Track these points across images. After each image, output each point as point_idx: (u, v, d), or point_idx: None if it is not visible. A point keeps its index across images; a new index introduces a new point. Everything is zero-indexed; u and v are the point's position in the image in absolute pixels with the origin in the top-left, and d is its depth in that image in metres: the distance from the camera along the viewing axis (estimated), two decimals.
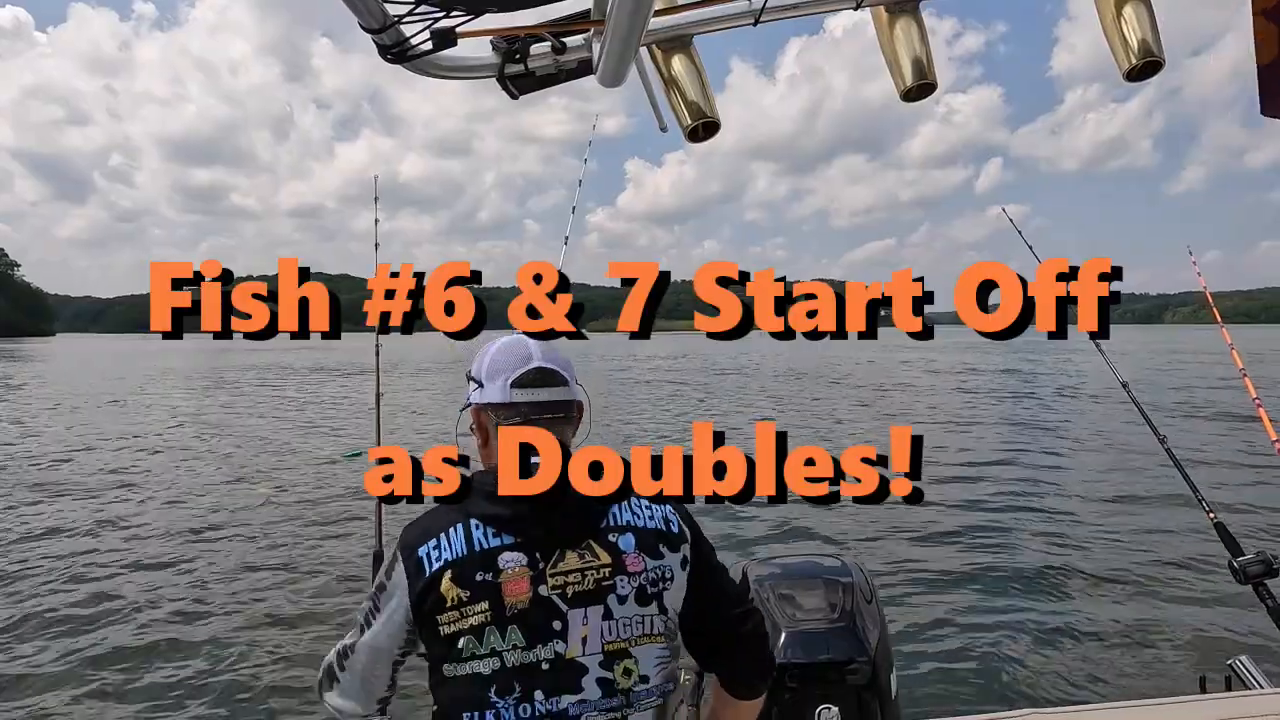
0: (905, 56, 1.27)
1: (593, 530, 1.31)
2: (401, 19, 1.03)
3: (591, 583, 1.28)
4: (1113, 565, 6.59)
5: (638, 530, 1.34)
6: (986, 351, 45.18)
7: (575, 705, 1.24)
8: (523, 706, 1.23)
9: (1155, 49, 1.24)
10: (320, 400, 22.93)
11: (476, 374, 1.43)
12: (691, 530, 1.41)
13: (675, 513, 1.40)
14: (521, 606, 1.25)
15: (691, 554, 1.38)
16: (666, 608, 1.33)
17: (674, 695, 1.36)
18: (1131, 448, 11.74)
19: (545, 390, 1.38)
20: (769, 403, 22.06)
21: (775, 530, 7.53)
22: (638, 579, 1.30)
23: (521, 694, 1.24)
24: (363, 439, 13.65)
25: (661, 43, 1.26)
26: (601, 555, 1.30)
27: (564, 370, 1.42)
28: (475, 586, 1.25)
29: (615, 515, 1.34)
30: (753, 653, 1.45)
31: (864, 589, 2.22)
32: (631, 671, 1.28)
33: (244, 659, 4.92)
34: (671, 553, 1.35)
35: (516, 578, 1.25)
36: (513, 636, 1.25)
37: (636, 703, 1.28)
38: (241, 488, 10.24)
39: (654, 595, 1.32)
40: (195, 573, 6.66)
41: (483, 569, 1.26)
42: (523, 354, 1.39)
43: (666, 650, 1.34)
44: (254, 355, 53.68)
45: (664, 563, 1.34)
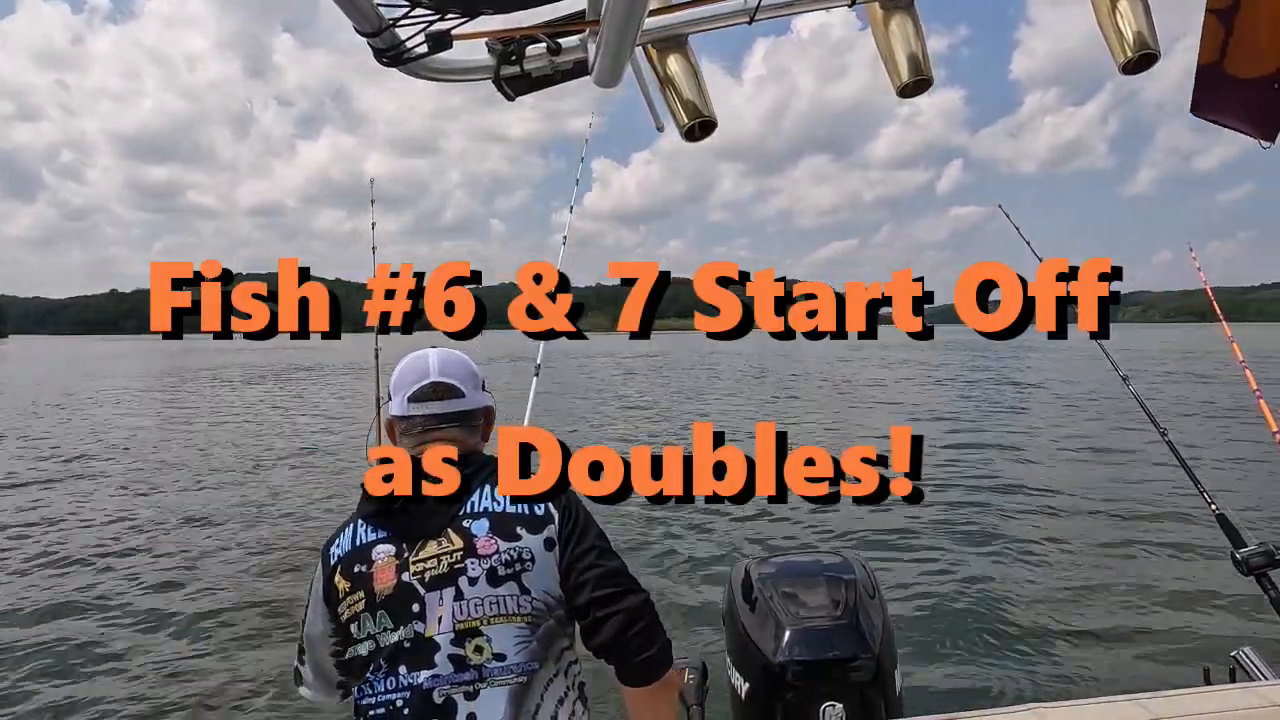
0: (901, 53, 1.27)
1: (451, 518, 1.39)
2: (396, 22, 1.03)
3: (445, 566, 1.35)
4: (1115, 558, 6.58)
5: (494, 515, 1.39)
6: (975, 351, 45.10)
7: (429, 679, 1.32)
8: (389, 680, 1.35)
9: (1151, 41, 1.23)
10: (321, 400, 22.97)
11: (388, 388, 1.56)
12: (562, 511, 1.42)
13: (548, 501, 1.42)
14: (388, 593, 1.36)
15: (560, 534, 1.40)
16: (528, 588, 1.36)
17: (541, 674, 1.35)
18: (1131, 443, 11.73)
19: (439, 404, 1.50)
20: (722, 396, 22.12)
21: (776, 530, 7.52)
22: (489, 560, 1.35)
23: (389, 669, 1.35)
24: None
25: (657, 42, 1.25)
26: (455, 540, 1.37)
27: (462, 382, 1.52)
28: (354, 578, 1.39)
29: (473, 504, 1.40)
30: (620, 635, 1.34)
31: (867, 585, 2.22)
32: (483, 649, 1.33)
33: (243, 658, 4.93)
34: (531, 534, 1.39)
35: (384, 567, 1.37)
36: (382, 620, 1.36)
37: (490, 678, 1.32)
38: (239, 486, 10.25)
39: (509, 576, 1.35)
40: (192, 572, 6.67)
41: (359, 562, 1.40)
42: (421, 369, 1.52)
43: (527, 630, 1.35)
44: (241, 356, 53.69)
45: (520, 544, 1.37)
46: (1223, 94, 1.61)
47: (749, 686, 2.07)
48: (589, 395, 22.40)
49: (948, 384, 25.34)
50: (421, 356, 1.53)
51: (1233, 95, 1.62)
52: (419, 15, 1.01)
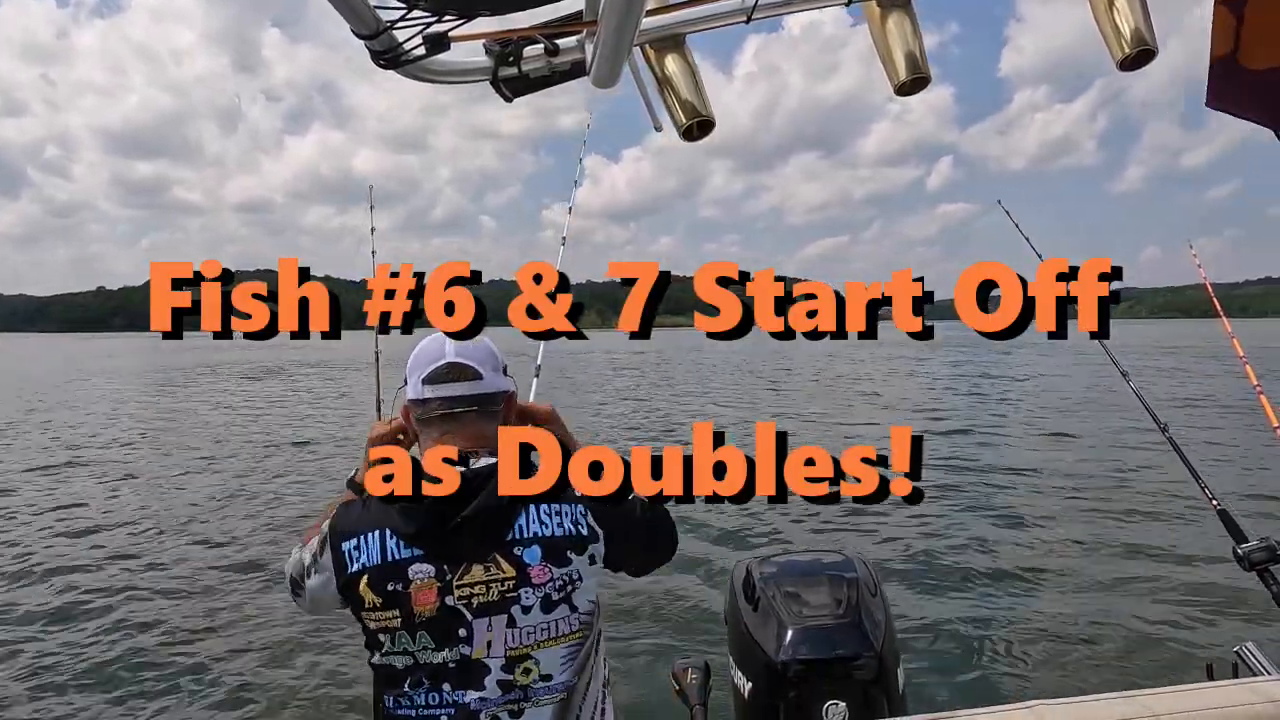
0: (899, 51, 1.27)
1: (498, 543, 1.34)
2: (394, 24, 1.02)
3: (496, 594, 1.32)
4: (1116, 554, 6.58)
5: (544, 541, 1.35)
6: (969, 349, 45.10)
7: (477, 701, 1.32)
8: (431, 695, 1.33)
9: (1148, 38, 1.23)
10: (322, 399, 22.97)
11: (405, 373, 1.50)
12: (605, 528, 1.40)
13: (588, 511, 1.39)
14: (429, 615, 1.32)
15: (606, 548, 1.40)
16: (577, 606, 1.36)
17: (579, 685, 1.37)
18: (1129, 439, 11.72)
19: (456, 385, 1.42)
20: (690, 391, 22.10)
21: (776, 530, 7.52)
22: (543, 589, 1.33)
23: (431, 686, 1.33)
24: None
25: (654, 42, 1.25)
26: (506, 569, 1.33)
27: (480, 364, 1.44)
28: (387, 595, 1.33)
29: (521, 528, 1.35)
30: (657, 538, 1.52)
31: (869, 584, 2.22)
32: (531, 670, 1.33)
33: (239, 658, 4.94)
34: (578, 555, 1.37)
35: (425, 588, 1.32)
36: (423, 639, 1.33)
37: (534, 698, 1.33)
38: (238, 485, 10.26)
39: (560, 600, 1.34)
40: (187, 570, 6.69)
41: (394, 579, 1.33)
42: (436, 351, 1.45)
43: (576, 646, 1.36)
44: (233, 354, 53.71)
45: (571, 568, 1.36)
46: (1238, 86, 1.60)
47: (752, 686, 2.08)
48: (580, 391, 22.41)
49: (945, 382, 25.33)
50: (438, 339, 1.46)
51: (1248, 87, 1.60)
52: (416, 17, 1.01)
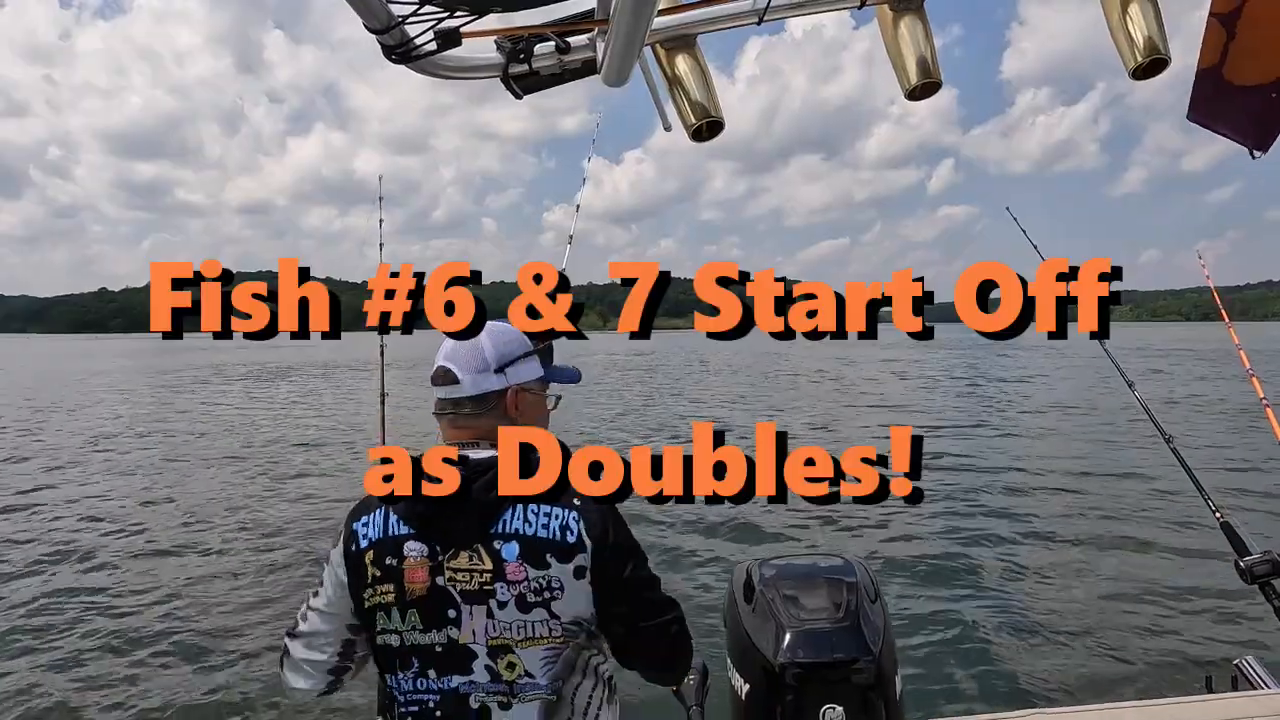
0: (910, 55, 1.27)
1: (482, 534, 1.34)
2: (406, 19, 1.02)
3: (476, 584, 1.33)
4: (1118, 564, 6.56)
5: (524, 539, 1.33)
6: (968, 350, 44.96)
7: (465, 684, 1.34)
8: (419, 680, 1.36)
9: (1162, 47, 1.22)
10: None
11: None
12: (596, 540, 1.34)
13: (581, 520, 1.34)
14: (420, 593, 1.34)
15: (593, 563, 1.34)
16: (557, 614, 1.33)
17: (570, 684, 1.36)
18: (1132, 444, 11.70)
19: (440, 389, 1.46)
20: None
21: (776, 531, 7.51)
22: (517, 587, 1.32)
23: (418, 670, 1.36)
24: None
25: (665, 42, 1.25)
26: (485, 560, 1.33)
27: (460, 368, 1.43)
28: (385, 569, 1.36)
29: (505, 522, 1.34)
30: (648, 669, 1.53)
31: (868, 588, 2.21)
32: (515, 665, 1.33)
33: (238, 656, 4.93)
34: (561, 563, 1.33)
35: (417, 566, 1.35)
36: (411, 619, 1.35)
37: (521, 694, 1.34)
38: (237, 484, 10.26)
39: (538, 604, 1.32)
40: (185, 570, 6.70)
41: (391, 554, 1.37)
42: (439, 353, 1.47)
43: (557, 649, 1.35)
44: (228, 355, 53.74)
45: (549, 573, 1.32)
46: (1220, 100, 1.60)
47: (749, 688, 2.07)
48: (581, 391, 22.40)
49: (944, 384, 25.28)
50: (446, 340, 1.45)
51: (1230, 102, 1.60)
52: (428, 13, 1.00)
